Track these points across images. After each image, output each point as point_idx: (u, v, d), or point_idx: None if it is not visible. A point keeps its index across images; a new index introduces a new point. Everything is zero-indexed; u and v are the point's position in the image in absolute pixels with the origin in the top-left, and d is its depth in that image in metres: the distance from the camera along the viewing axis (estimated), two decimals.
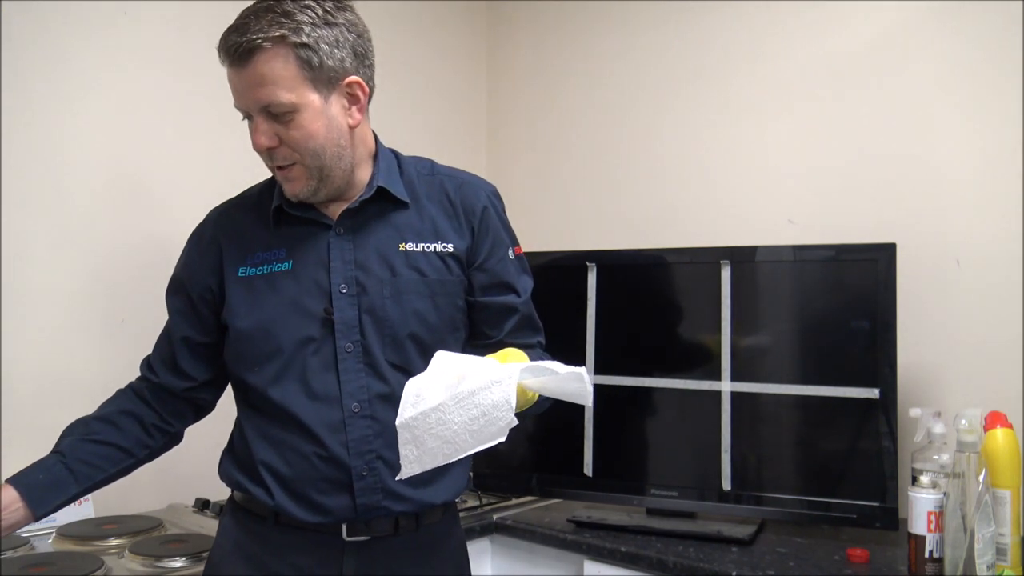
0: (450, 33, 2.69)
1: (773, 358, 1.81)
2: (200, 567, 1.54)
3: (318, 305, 1.25)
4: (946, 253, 1.84)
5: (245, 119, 1.24)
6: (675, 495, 1.83)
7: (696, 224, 2.24)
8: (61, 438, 1.31)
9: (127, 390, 1.39)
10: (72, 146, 1.89)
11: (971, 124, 1.83)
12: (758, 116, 2.15)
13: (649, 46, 2.37)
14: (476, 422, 0.99)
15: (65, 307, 1.88)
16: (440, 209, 1.32)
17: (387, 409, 1.22)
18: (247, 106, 1.21)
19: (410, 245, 1.28)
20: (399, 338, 1.26)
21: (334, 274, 1.26)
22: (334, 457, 1.23)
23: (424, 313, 1.27)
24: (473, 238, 1.32)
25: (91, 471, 1.28)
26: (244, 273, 1.29)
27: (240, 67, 1.18)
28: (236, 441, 1.33)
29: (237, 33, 1.17)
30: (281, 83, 1.17)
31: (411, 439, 1.01)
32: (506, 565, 1.93)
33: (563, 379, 1.05)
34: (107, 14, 1.94)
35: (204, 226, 1.39)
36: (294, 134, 1.19)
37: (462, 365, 1.05)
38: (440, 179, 1.35)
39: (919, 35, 1.90)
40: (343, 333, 1.24)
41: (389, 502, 1.25)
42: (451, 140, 2.68)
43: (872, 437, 1.67)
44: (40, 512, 1.23)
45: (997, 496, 1.45)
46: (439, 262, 1.30)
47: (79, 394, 1.88)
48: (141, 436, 1.34)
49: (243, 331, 1.28)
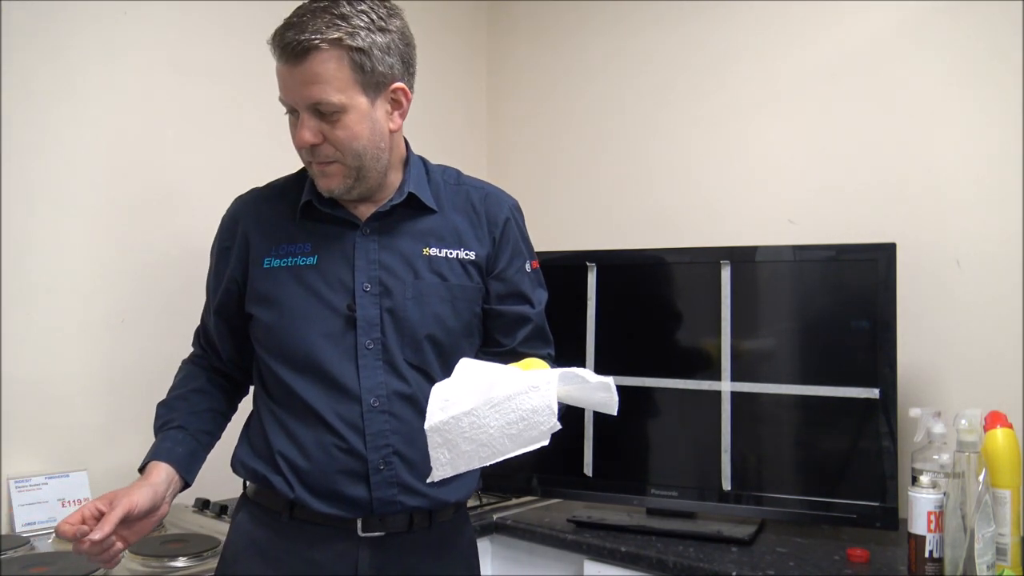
0: (450, 33, 2.69)
1: (773, 358, 1.81)
2: (200, 567, 1.55)
3: (341, 301, 1.28)
4: (946, 253, 1.84)
5: (288, 113, 1.26)
6: (675, 495, 1.83)
7: (696, 224, 2.24)
8: (169, 416, 1.35)
9: (191, 366, 1.45)
10: (71, 146, 1.89)
11: (971, 124, 1.83)
12: (758, 116, 2.15)
13: (650, 45, 2.37)
14: (515, 426, 1.02)
15: (65, 307, 1.88)
16: (464, 218, 1.37)
17: (404, 406, 1.27)
18: (296, 102, 1.22)
19: (433, 250, 1.33)
20: (418, 338, 1.29)
21: (358, 272, 1.29)
22: (353, 449, 1.25)
23: (443, 316, 1.31)
24: (494, 247, 1.37)
25: (210, 438, 1.37)
26: (269, 264, 1.31)
27: (294, 64, 1.19)
28: (253, 432, 1.35)
29: (294, 31, 1.18)
30: (333, 84, 1.19)
31: (442, 442, 1.04)
32: (506, 565, 1.93)
33: (592, 388, 1.07)
34: (107, 14, 1.94)
35: (232, 214, 1.40)
36: (339, 134, 1.22)
37: (490, 372, 1.09)
38: (466, 189, 1.40)
39: (919, 35, 1.90)
40: (364, 330, 1.27)
41: (404, 497, 1.27)
42: (451, 140, 2.68)
43: (872, 437, 1.67)
44: (191, 479, 1.31)
45: (997, 496, 1.46)
46: (460, 268, 1.34)
47: (79, 394, 1.90)
48: (225, 400, 1.43)
49: (266, 322, 1.31)
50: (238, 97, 2.13)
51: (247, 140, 2.14)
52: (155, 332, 1.97)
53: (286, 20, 1.21)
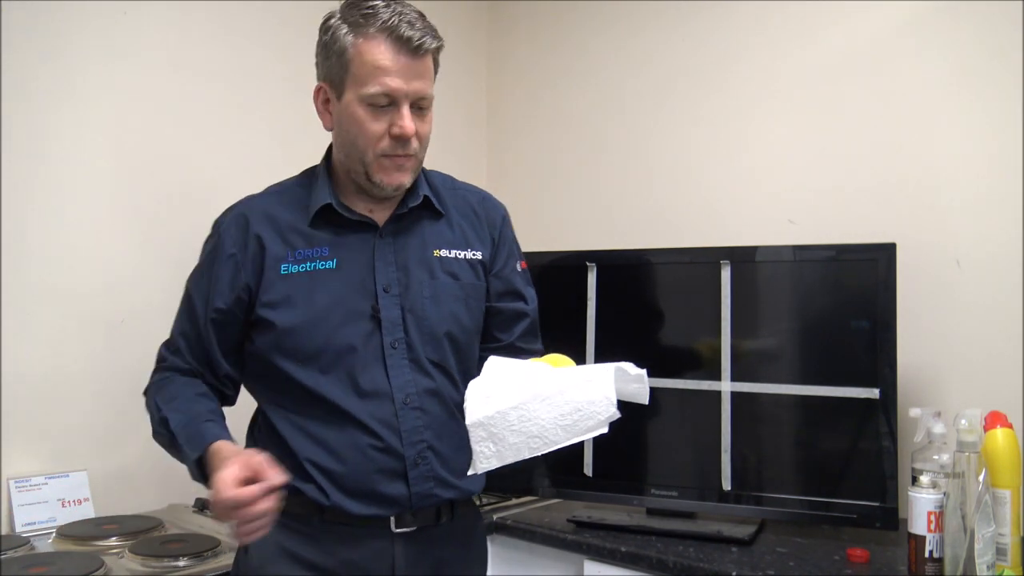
0: (450, 33, 2.67)
1: (773, 358, 1.81)
2: (200, 567, 1.54)
3: (365, 304, 1.30)
4: (946, 253, 1.84)
5: (369, 106, 1.27)
6: (675, 495, 1.83)
7: (696, 224, 2.24)
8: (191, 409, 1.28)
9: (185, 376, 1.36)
10: (71, 146, 1.89)
11: (971, 124, 1.83)
12: (759, 116, 2.15)
13: (650, 45, 2.37)
14: (569, 417, 1.10)
15: (65, 307, 1.88)
16: (467, 220, 1.43)
17: (432, 402, 1.32)
18: (407, 93, 1.26)
19: (444, 252, 1.38)
20: (437, 336, 1.34)
21: (379, 274, 1.32)
22: (390, 447, 1.27)
23: (459, 315, 1.37)
24: (493, 248, 1.44)
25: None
26: (287, 270, 1.31)
27: (412, 58, 1.26)
28: (266, 445, 1.29)
29: (411, 28, 1.25)
30: (430, 80, 1.30)
31: (487, 436, 1.10)
32: (506, 565, 1.93)
33: (630, 379, 1.16)
34: (107, 14, 1.94)
35: (238, 218, 1.35)
36: (425, 128, 1.31)
37: (527, 368, 1.17)
38: (463, 193, 1.46)
39: (920, 35, 1.90)
40: (388, 331, 1.30)
41: (440, 490, 1.31)
42: (451, 139, 2.67)
43: (872, 437, 1.67)
44: None
45: (997, 496, 1.45)
46: (469, 268, 1.40)
47: (79, 394, 1.90)
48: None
49: (288, 327, 1.29)
50: (238, 97, 2.12)
51: (247, 140, 2.14)
52: (155, 332, 1.96)
53: (388, 16, 1.24)
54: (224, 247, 1.34)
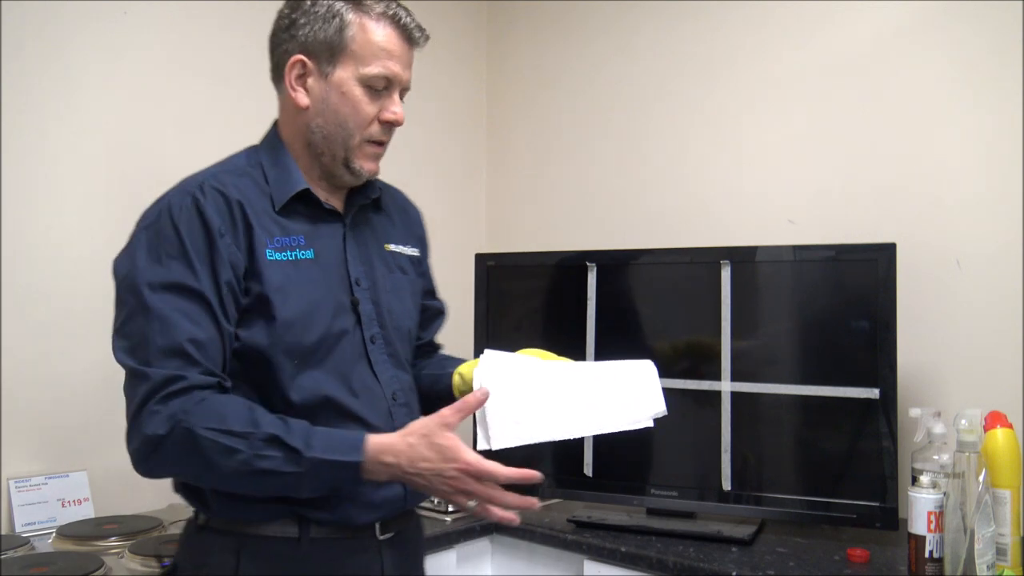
0: (450, 33, 2.69)
1: (773, 358, 1.81)
2: None
3: (345, 296, 1.25)
4: (946, 253, 1.84)
5: (365, 88, 1.22)
6: (675, 495, 1.83)
7: (696, 224, 2.24)
8: (282, 418, 1.13)
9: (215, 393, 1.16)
10: (71, 146, 1.89)
11: (971, 124, 1.83)
12: (759, 116, 2.15)
13: (650, 45, 2.37)
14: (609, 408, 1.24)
15: (65, 307, 1.87)
16: (400, 217, 1.42)
17: (413, 399, 1.32)
18: (401, 79, 1.25)
19: (393, 246, 1.37)
20: (403, 331, 1.33)
21: (351, 266, 1.28)
22: None
23: (412, 309, 1.37)
24: (421, 245, 1.45)
25: None
26: (272, 257, 1.19)
27: (411, 46, 1.26)
28: None
29: (408, 17, 1.25)
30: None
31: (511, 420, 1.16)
32: (506, 565, 1.93)
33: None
34: (107, 14, 1.94)
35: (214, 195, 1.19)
36: (403, 114, 1.27)
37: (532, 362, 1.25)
38: (392, 191, 1.44)
39: (919, 35, 1.90)
40: (367, 325, 1.27)
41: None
42: (451, 139, 2.67)
43: (872, 437, 1.67)
44: None
45: (997, 496, 1.46)
46: (411, 264, 1.40)
47: (79, 394, 1.89)
48: None
49: (283, 320, 1.17)
50: (238, 97, 2.12)
51: (248, 140, 2.13)
52: None
53: (389, 4, 1.24)
54: (212, 223, 1.15)
